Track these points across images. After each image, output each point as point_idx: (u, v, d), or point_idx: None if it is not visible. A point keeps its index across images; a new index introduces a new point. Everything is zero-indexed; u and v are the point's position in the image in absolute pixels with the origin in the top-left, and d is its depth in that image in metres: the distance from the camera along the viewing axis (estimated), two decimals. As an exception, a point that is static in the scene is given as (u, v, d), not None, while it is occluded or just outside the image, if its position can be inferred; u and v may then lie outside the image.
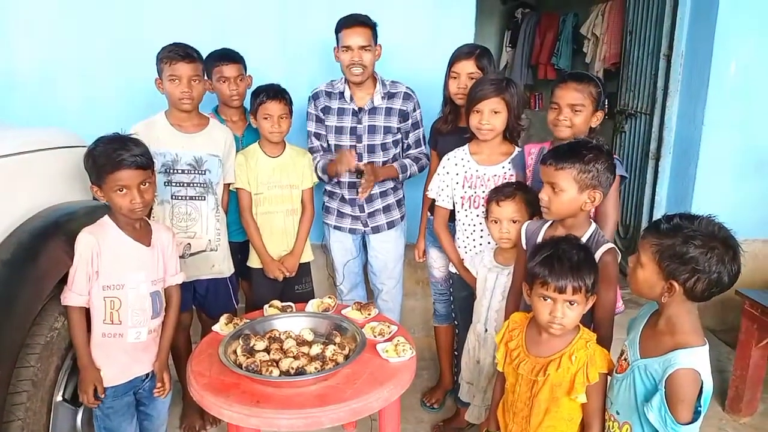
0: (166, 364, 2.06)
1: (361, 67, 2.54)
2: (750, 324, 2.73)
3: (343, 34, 2.54)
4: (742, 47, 3.42)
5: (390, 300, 2.93)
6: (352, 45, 2.51)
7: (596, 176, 1.74)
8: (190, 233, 2.41)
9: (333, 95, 2.68)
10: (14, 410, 1.60)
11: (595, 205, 1.81)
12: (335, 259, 2.89)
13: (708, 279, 1.40)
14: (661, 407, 1.42)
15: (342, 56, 2.56)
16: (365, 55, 2.53)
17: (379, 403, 1.81)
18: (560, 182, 1.77)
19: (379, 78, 2.68)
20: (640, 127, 4.22)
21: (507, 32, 6.82)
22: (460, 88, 2.45)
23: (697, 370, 1.41)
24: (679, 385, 1.40)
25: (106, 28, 3.10)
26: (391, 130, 2.68)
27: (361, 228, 2.79)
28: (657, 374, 1.46)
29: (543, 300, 1.63)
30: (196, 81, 2.31)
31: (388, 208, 2.80)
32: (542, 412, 1.68)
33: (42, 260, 1.73)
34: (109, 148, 1.81)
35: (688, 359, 1.41)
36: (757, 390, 2.80)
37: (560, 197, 1.78)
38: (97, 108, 3.14)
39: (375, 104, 2.65)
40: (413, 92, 2.72)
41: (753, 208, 3.57)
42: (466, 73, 2.44)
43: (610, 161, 1.79)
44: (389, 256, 2.86)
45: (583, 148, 1.77)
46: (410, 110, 2.69)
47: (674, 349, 1.44)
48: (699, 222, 1.43)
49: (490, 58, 2.51)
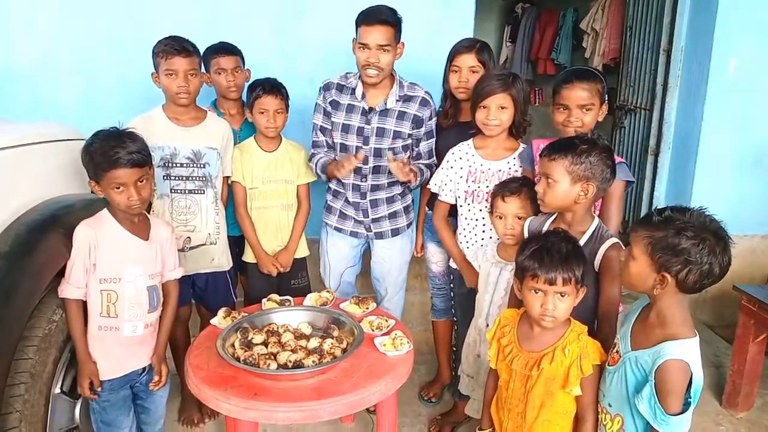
0: (164, 358, 2.06)
1: (376, 69, 2.34)
2: (747, 319, 2.73)
3: (361, 30, 2.32)
4: (741, 43, 3.43)
5: (391, 307, 2.78)
6: (369, 43, 2.30)
7: (589, 168, 1.76)
8: (190, 227, 2.41)
9: (345, 89, 2.50)
10: (12, 402, 1.61)
11: (590, 197, 1.81)
12: (331, 265, 2.73)
13: (699, 270, 1.41)
14: (651, 398, 1.43)
15: (358, 53, 2.36)
16: (383, 56, 2.32)
17: (376, 397, 1.82)
18: (553, 173, 1.80)
19: (397, 78, 2.48)
20: (639, 122, 4.22)
21: (507, 27, 6.81)
22: (461, 82, 2.43)
23: (686, 361, 1.41)
24: (667, 376, 1.41)
25: (103, 21, 3.09)
26: (402, 135, 2.48)
27: (364, 232, 2.64)
28: (647, 365, 1.47)
29: (534, 293, 1.64)
30: (192, 75, 2.30)
31: (394, 214, 2.63)
32: (537, 407, 1.69)
33: (40, 253, 1.74)
34: (106, 145, 1.80)
35: (678, 350, 1.42)
36: (754, 385, 2.81)
37: (553, 188, 1.81)
38: (95, 101, 3.14)
39: (388, 106, 2.45)
40: (431, 98, 2.51)
41: (752, 203, 3.59)
42: (468, 67, 2.42)
43: (606, 155, 1.79)
44: (393, 264, 2.71)
45: (578, 141, 1.80)
46: (426, 118, 2.49)
47: (664, 341, 1.45)
48: (690, 214, 1.44)
49: (490, 52, 2.49)
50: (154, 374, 2.02)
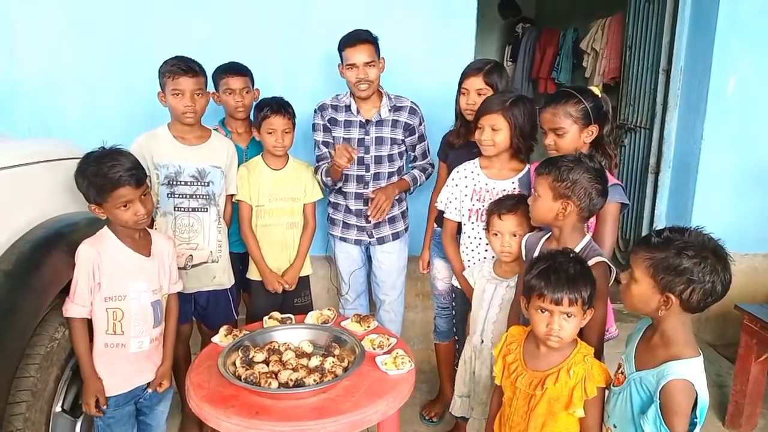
0: (170, 370, 2.08)
1: (367, 83, 2.58)
2: (749, 339, 2.73)
3: (346, 53, 2.57)
4: (740, 62, 3.45)
5: (392, 311, 2.94)
6: (357, 62, 2.55)
7: (569, 187, 1.79)
8: (192, 245, 2.42)
9: (339, 108, 2.71)
10: (13, 420, 1.60)
11: (569, 215, 1.83)
12: (341, 268, 2.91)
13: (703, 289, 1.42)
14: (656, 419, 1.43)
15: (348, 74, 2.59)
16: (370, 71, 2.57)
17: (377, 416, 1.81)
18: (539, 188, 1.86)
19: (384, 92, 2.72)
20: (639, 141, 4.24)
21: (508, 47, 6.87)
22: (469, 104, 2.45)
23: (690, 381, 1.41)
24: (672, 396, 1.41)
25: (107, 38, 3.12)
26: (397, 141, 2.72)
27: (367, 239, 2.81)
28: (651, 386, 1.47)
29: (540, 312, 1.64)
30: (198, 95, 2.32)
31: (393, 219, 2.81)
32: (539, 426, 1.68)
33: (43, 271, 1.74)
34: (104, 167, 1.81)
35: (682, 370, 1.42)
36: (757, 405, 2.79)
37: (537, 203, 1.87)
38: (99, 118, 3.16)
39: (382, 116, 2.68)
40: (418, 106, 2.76)
41: (752, 222, 3.59)
42: (475, 89, 2.44)
43: (592, 177, 1.80)
44: (392, 267, 2.88)
45: (565, 159, 1.83)
46: (416, 124, 2.75)
47: (667, 361, 1.46)
48: (689, 234, 1.47)
49: (502, 73, 2.48)
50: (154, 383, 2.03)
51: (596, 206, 1.84)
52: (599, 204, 1.85)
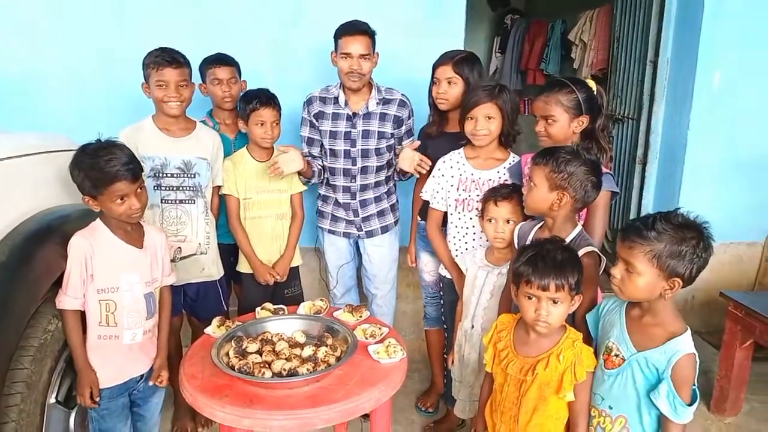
0: (166, 362, 2.09)
1: (359, 75, 2.54)
2: (734, 325, 2.78)
3: (342, 41, 2.53)
4: (725, 54, 3.50)
5: (384, 305, 2.94)
6: (352, 53, 2.50)
7: (566, 178, 1.82)
8: (181, 237, 2.42)
9: (328, 100, 2.68)
10: (8, 412, 1.61)
11: (564, 206, 1.86)
12: (329, 262, 2.90)
13: (698, 265, 1.52)
14: (670, 393, 1.52)
15: (340, 63, 2.55)
16: (364, 64, 2.53)
17: (370, 404, 1.82)
18: (534, 178, 1.88)
19: (375, 84, 2.68)
20: (627, 132, 4.28)
21: (496, 38, 6.87)
22: (439, 93, 2.48)
23: (695, 353, 1.54)
24: (684, 369, 1.53)
25: (94, 32, 3.09)
26: (385, 135, 2.68)
27: (356, 232, 2.80)
28: (660, 364, 1.55)
29: (528, 299, 1.67)
30: (183, 86, 2.31)
31: (382, 212, 2.81)
32: (530, 411, 1.72)
33: (36, 263, 1.75)
34: (100, 161, 1.81)
35: (687, 345, 1.54)
36: (741, 390, 2.85)
37: (532, 192, 1.89)
38: (86, 112, 3.13)
39: (370, 109, 2.65)
40: (408, 100, 2.73)
41: (737, 212, 3.64)
42: (445, 78, 2.46)
43: (588, 170, 1.83)
44: (384, 260, 2.87)
45: (562, 151, 1.86)
46: (405, 117, 2.71)
47: (670, 338, 1.55)
48: (675, 217, 1.54)
49: (474, 64, 2.49)
50: (153, 376, 2.04)
51: (590, 198, 1.88)
52: (593, 196, 1.88)
